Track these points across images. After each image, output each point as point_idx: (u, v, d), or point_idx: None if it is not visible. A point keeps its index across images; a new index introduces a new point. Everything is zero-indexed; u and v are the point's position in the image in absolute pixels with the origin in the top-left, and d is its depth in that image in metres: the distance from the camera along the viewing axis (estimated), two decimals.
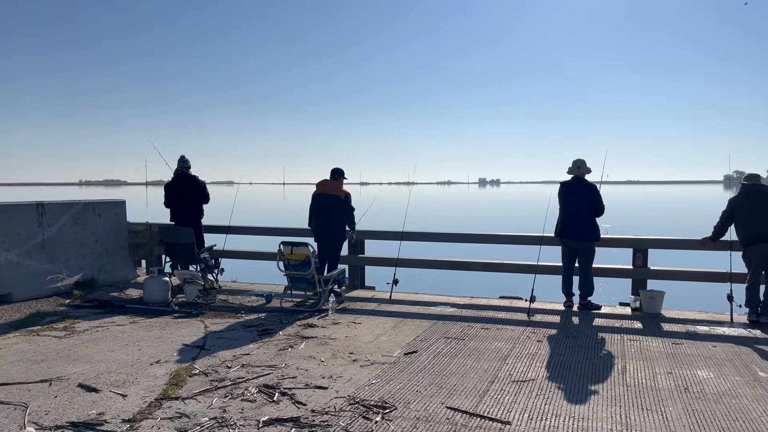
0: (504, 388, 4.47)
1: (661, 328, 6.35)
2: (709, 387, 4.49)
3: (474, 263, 8.55)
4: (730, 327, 6.39)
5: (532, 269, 7.57)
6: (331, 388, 4.45)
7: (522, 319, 6.79)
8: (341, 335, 5.99)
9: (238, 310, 7.16)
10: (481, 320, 6.69)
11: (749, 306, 6.61)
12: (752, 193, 6.69)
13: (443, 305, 7.50)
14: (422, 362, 5.10)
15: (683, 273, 7.63)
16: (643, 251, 7.67)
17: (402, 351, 5.44)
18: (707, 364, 5.04)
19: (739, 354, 5.36)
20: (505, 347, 5.58)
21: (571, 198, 7.30)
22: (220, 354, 5.32)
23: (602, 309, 7.29)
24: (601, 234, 7.27)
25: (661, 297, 7.10)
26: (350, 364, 5.05)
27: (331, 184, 7.89)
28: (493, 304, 7.62)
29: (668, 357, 5.27)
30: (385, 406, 4.07)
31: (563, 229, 7.36)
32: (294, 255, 7.26)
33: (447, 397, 4.26)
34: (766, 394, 4.32)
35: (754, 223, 6.56)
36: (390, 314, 6.99)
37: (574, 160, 7.45)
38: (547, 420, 3.86)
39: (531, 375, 4.77)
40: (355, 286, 8.81)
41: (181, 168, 8.80)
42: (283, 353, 5.35)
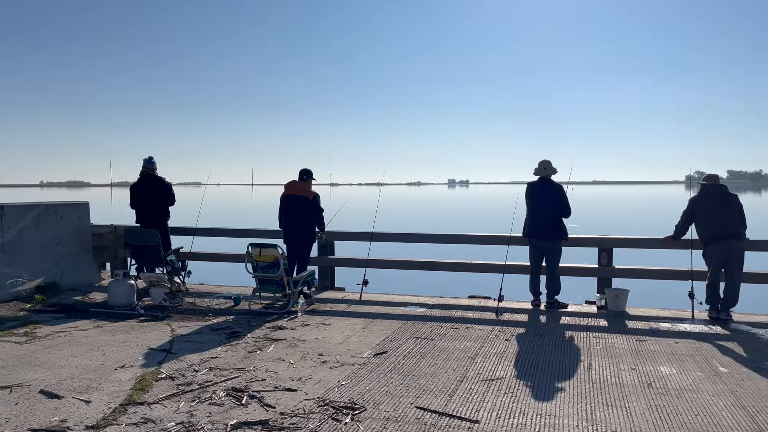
0: (473, 387, 4.50)
1: (626, 326, 6.48)
2: (672, 382, 4.60)
3: (443, 263, 8.60)
4: (692, 324, 6.55)
5: (500, 269, 7.66)
6: (301, 390, 4.43)
7: (490, 318, 6.85)
8: (311, 337, 5.97)
9: (206, 313, 7.07)
10: (450, 320, 6.73)
11: (709, 303, 6.79)
12: (711, 193, 6.87)
13: (413, 305, 7.52)
14: (392, 363, 5.11)
15: (647, 271, 7.80)
16: (608, 250, 7.82)
17: (372, 352, 5.44)
18: (670, 360, 5.17)
19: (700, 350, 5.51)
20: (474, 346, 5.63)
21: (537, 198, 7.40)
22: (188, 357, 5.24)
23: (569, 307, 7.40)
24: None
25: (625, 295, 7.24)
26: (320, 365, 5.03)
27: (300, 186, 7.84)
28: (462, 304, 7.67)
29: (632, 354, 5.38)
30: (355, 407, 4.07)
31: (530, 229, 7.45)
32: (262, 257, 7.20)
33: (416, 397, 4.27)
34: (726, 389, 4.45)
35: (713, 222, 6.74)
36: (360, 315, 6.98)
37: (540, 161, 7.55)
38: (515, 418, 3.90)
39: (499, 374, 4.82)
40: (324, 288, 8.77)
41: (146, 169, 8.65)
42: (251, 356, 5.30)
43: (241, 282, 8.59)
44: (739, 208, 6.79)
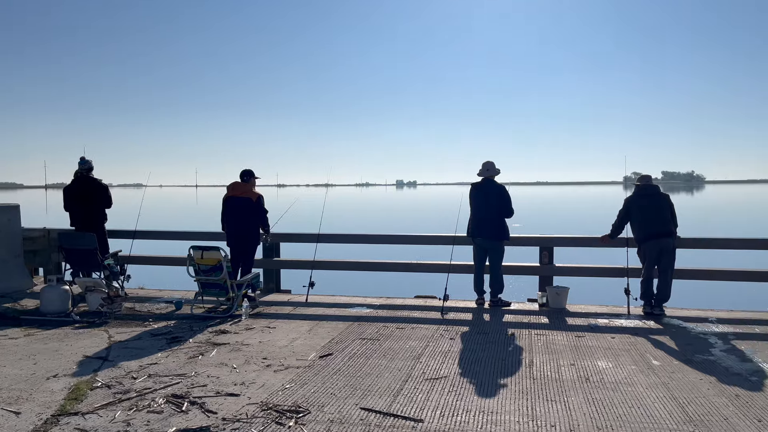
0: (417, 386, 4.53)
1: (566, 322, 6.66)
2: (608, 376, 4.75)
3: (390, 264, 8.63)
4: (627, 319, 6.79)
5: (446, 268, 7.75)
6: (244, 394, 4.35)
7: (436, 317, 6.92)
8: (255, 340, 5.88)
9: (146, 318, 6.86)
10: (396, 320, 6.76)
11: (644, 299, 7.06)
12: (644, 193, 7.15)
13: (359, 306, 7.52)
14: (337, 364, 5.09)
15: (585, 269, 8.04)
16: (549, 249, 8.02)
17: (317, 354, 5.40)
18: (606, 355, 5.34)
19: (635, 344, 5.71)
20: (419, 346, 5.67)
21: (481, 199, 7.52)
22: (125, 365, 5.08)
23: (512, 305, 7.55)
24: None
25: (565, 293, 7.45)
26: (264, 369, 4.96)
27: (242, 187, 7.71)
28: (409, 304, 7.72)
29: (572, 349, 5.53)
30: (299, 411, 4.03)
31: (474, 228, 7.57)
32: (205, 260, 7.05)
33: (361, 398, 4.27)
34: (659, 381, 4.63)
35: (646, 221, 7.02)
36: (306, 317, 6.93)
37: (483, 163, 7.68)
38: (458, 416, 3.95)
39: (444, 372, 4.87)
40: (270, 290, 8.67)
41: (81, 170, 8.34)
42: (193, 361, 5.18)
43: (183, 286, 8.39)
44: (670, 207, 7.10)
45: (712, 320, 6.64)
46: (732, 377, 4.71)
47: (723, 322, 6.54)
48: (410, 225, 30.16)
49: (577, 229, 20.32)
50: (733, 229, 26.31)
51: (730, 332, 6.12)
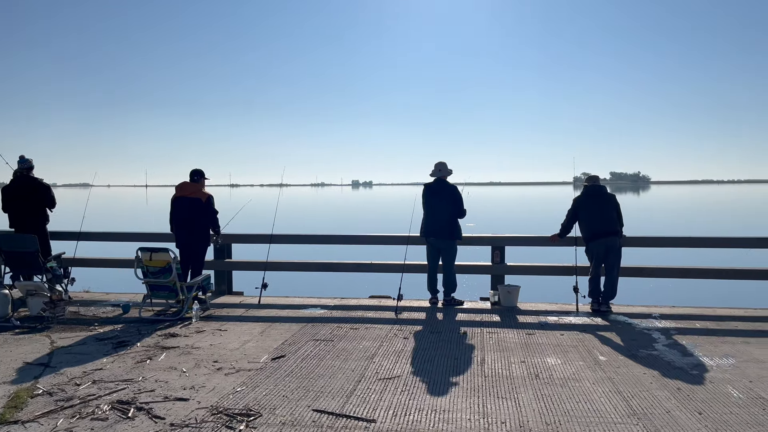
0: (370, 386, 4.53)
1: (517, 320, 6.77)
2: (557, 372, 4.85)
3: (344, 264, 8.60)
4: (576, 316, 6.96)
5: (400, 268, 7.78)
6: (193, 399, 4.26)
7: (390, 317, 6.93)
8: (205, 343, 5.76)
9: (91, 323, 6.64)
10: (350, 320, 6.74)
11: (592, 296, 7.26)
12: (592, 193, 7.35)
13: (313, 307, 7.46)
14: (290, 366, 5.04)
15: (536, 268, 8.19)
16: (501, 249, 8.15)
17: (270, 356, 5.34)
18: (555, 352, 5.46)
19: (583, 341, 5.86)
20: (373, 346, 5.67)
21: (433, 199, 7.58)
22: (69, 371, 4.90)
23: (465, 304, 7.64)
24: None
25: (516, 291, 7.58)
26: (214, 372, 4.87)
27: (191, 187, 7.55)
28: (363, 304, 7.71)
29: (522, 347, 5.63)
30: (250, 414, 3.97)
31: (427, 228, 7.62)
32: (153, 261, 6.87)
33: (314, 400, 4.24)
34: (605, 376, 4.75)
35: (594, 220, 7.21)
36: (258, 319, 6.84)
37: (436, 163, 7.74)
38: (410, 415, 3.97)
39: (397, 372, 4.88)
40: (222, 292, 8.51)
41: (20, 169, 8.01)
42: (140, 366, 5.04)
43: (131, 289, 8.16)
44: (617, 207, 7.31)
45: (656, 316, 6.88)
46: (674, 371, 4.88)
47: (666, 318, 6.77)
48: (365, 225, 30.18)
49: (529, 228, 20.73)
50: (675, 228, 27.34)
51: (673, 328, 6.35)
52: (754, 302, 7.75)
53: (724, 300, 8.43)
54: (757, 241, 8.12)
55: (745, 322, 6.58)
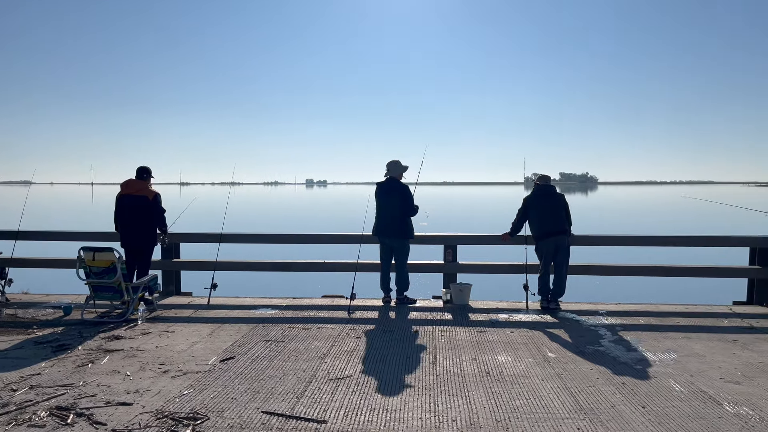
0: (321, 387, 4.48)
1: (469, 318, 6.83)
2: (507, 370, 4.91)
3: (296, 263, 8.50)
4: (526, 314, 7.07)
5: (353, 267, 7.73)
6: (137, 403, 4.12)
7: (343, 316, 6.88)
8: (151, 346, 5.59)
9: (30, 325, 6.35)
10: (302, 320, 6.67)
11: (541, 294, 7.38)
12: (542, 193, 7.48)
13: (264, 308, 7.35)
14: (239, 368, 4.93)
15: (487, 266, 8.28)
16: (453, 247, 8.21)
17: (218, 358, 5.21)
18: (506, 349, 5.52)
19: (533, 338, 5.95)
20: (325, 346, 5.61)
21: (384, 198, 7.57)
22: (4, 376, 4.67)
23: (417, 303, 7.66)
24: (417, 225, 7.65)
25: (468, 289, 7.65)
26: (160, 376, 4.72)
27: (138, 184, 7.32)
28: (315, 304, 7.64)
29: (474, 345, 5.68)
30: (197, 417, 3.86)
31: (379, 227, 7.60)
32: (97, 261, 6.63)
33: (263, 402, 4.15)
34: (553, 373, 4.83)
35: (544, 220, 7.34)
36: (207, 320, 6.68)
37: (387, 163, 7.73)
38: (361, 415, 3.93)
39: (348, 372, 4.84)
40: (170, 293, 8.29)
41: None
42: (81, 370, 4.85)
43: (74, 290, 7.86)
44: (565, 206, 7.46)
45: (603, 313, 7.05)
46: (619, 366, 5.00)
47: (612, 315, 6.95)
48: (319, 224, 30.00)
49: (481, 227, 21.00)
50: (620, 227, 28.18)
51: (618, 324, 6.52)
52: (694, 298, 8.04)
53: (666, 296, 8.73)
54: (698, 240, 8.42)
55: (686, 318, 6.81)
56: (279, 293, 8.29)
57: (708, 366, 5.02)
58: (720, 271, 8.24)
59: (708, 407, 4.08)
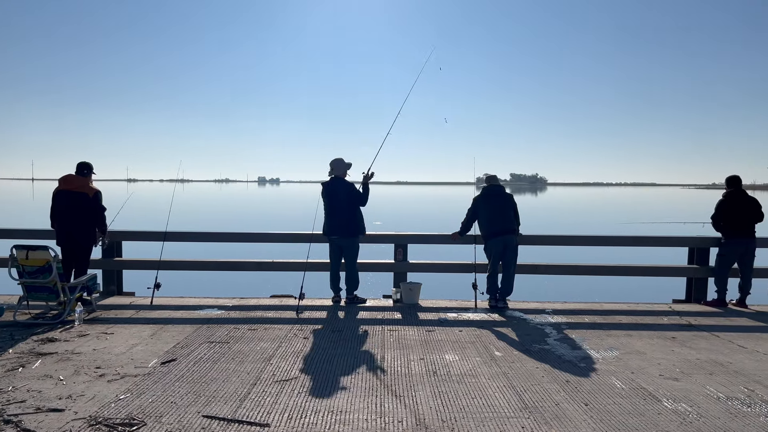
0: (266, 389, 4.37)
1: (418, 317, 6.82)
2: (454, 369, 4.91)
3: (244, 263, 8.32)
4: (474, 312, 7.11)
5: (302, 267, 7.62)
6: (69, 409, 3.92)
7: (291, 317, 6.77)
8: (88, 348, 5.35)
9: None
10: (249, 321, 6.52)
11: (489, 293, 7.45)
12: (491, 193, 7.54)
13: (210, 308, 7.16)
14: (180, 370, 4.77)
15: (437, 265, 8.31)
16: (403, 246, 8.20)
17: (159, 360, 5.03)
18: (454, 348, 5.53)
19: (480, 336, 5.98)
20: (271, 347, 5.49)
21: (333, 197, 7.50)
22: None
23: (367, 302, 7.61)
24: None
25: (418, 288, 7.64)
26: (96, 380, 4.51)
27: (78, 180, 7.02)
28: (263, 304, 7.49)
29: (422, 344, 5.66)
30: (133, 423, 3.70)
31: (330, 227, 7.52)
32: (30, 260, 6.31)
33: (204, 406, 4.02)
34: (500, 372, 4.86)
35: (492, 219, 7.41)
36: (149, 321, 6.46)
37: (331, 161, 7.61)
38: (306, 417, 3.85)
39: (294, 373, 4.74)
40: (111, 293, 8.00)
41: None
42: (11, 374, 4.59)
43: (6, 290, 7.48)
44: (514, 206, 7.55)
45: (549, 312, 7.16)
46: (563, 364, 5.07)
47: (558, 313, 7.07)
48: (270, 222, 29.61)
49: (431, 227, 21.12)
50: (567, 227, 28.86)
51: (564, 322, 6.63)
52: (637, 297, 8.27)
53: (610, 295, 8.95)
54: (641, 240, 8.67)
55: (629, 316, 6.99)
56: (226, 293, 8.11)
57: (648, 363, 5.14)
58: (661, 270, 8.51)
59: (648, 404, 4.17)
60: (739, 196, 7.72)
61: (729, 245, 7.74)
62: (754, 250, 7.70)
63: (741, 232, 7.65)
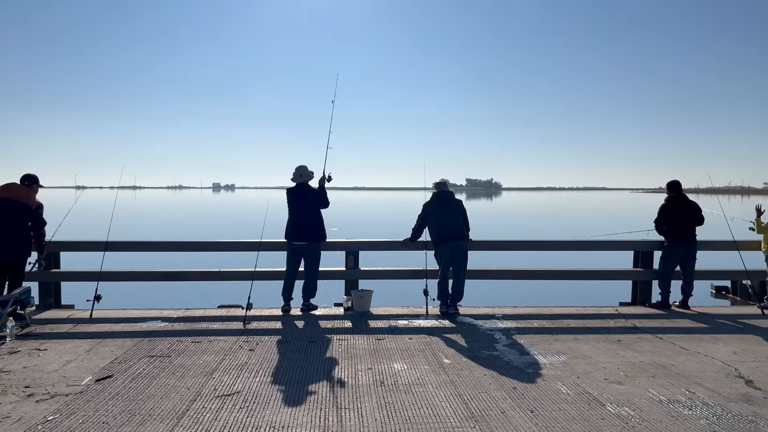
0: (206, 405, 4.20)
1: (368, 326, 6.73)
2: (402, 378, 4.84)
3: (189, 273, 8.08)
4: (425, 319, 7.07)
5: (251, 276, 7.45)
6: None
7: (237, 328, 6.59)
8: (18, 366, 5.07)
9: None
10: (193, 333, 6.31)
11: (440, 299, 7.42)
12: (440, 199, 7.53)
13: (153, 320, 6.90)
14: (116, 388, 4.55)
15: (389, 272, 8.26)
16: (355, 253, 8.11)
17: (94, 377, 4.80)
18: (402, 357, 5.46)
19: (430, 344, 5.93)
20: (215, 360, 5.31)
21: (301, 202, 7.41)
22: None
23: (318, 311, 7.49)
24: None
25: (369, 296, 7.56)
26: (23, 400, 4.26)
27: (21, 190, 6.73)
28: (210, 315, 7.27)
29: (371, 353, 5.57)
30: None
31: (295, 232, 7.39)
32: None
33: (139, 425, 3.83)
34: (448, 380, 4.81)
35: (442, 225, 7.39)
36: (87, 335, 6.18)
37: (297, 167, 7.54)
38: None
39: (237, 387, 4.59)
40: (48, 306, 7.65)
41: None
42: None
43: None
44: (463, 212, 7.56)
45: (499, 317, 7.18)
46: (511, 370, 5.07)
47: (508, 318, 7.09)
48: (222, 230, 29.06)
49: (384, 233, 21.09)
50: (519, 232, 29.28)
51: (513, 327, 6.65)
52: (584, 300, 8.39)
53: (559, 299, 9.07)
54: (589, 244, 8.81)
55: (576, 320, 7.07)
56: (172, 304, 7.86)
57: (594, 367, 5.19)
58: (607, 273, 8.67)
59: (592, 409, 4.19)
60: (681, 201, 7.92)
61: (672, 248, 7.92)
62: (695, 253, 7.91)
63: (683, 236, 7.85)
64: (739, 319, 7.17)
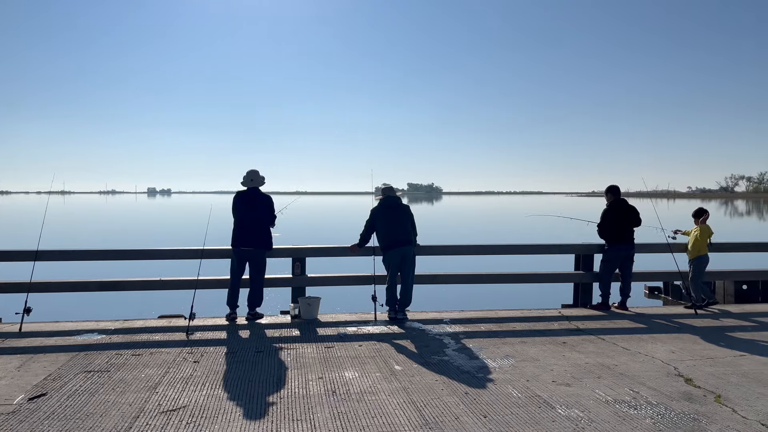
0: (150, 422, 4.01)
1: (317, 333, 6.63)
2: (354, 387, 4.77)
3: (127, 282, 7.74)
4: (374, 325, 7.03)
5: (193, 284, 7.21)
6: None
7: (180, 339, 6.35)
8: None
9: None
10: (133, 345, 6.04)
11: (389, 305, 7.40)
12: (388, 205, 7.52)
13: (89, 333, 6.57)
14: (51, 406, 4.29)
15: (336, 278, 8.17)
16: (302, 260, 7.98)
17: (26, 396, 4.51)
18: (353, 364, 5.39)
19: (380, 351, 5.89)
20: (158, 374, 5.09)
21: (251, 207, 7.24)
22: None
23: (265, 319, 7.32)
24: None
25: (317, 303, 7.46)
26: None
27: None
28: (150, 326, 6.98)
29: (321, 362, 5.48)
30: None
31: (241, 238, 7.21)
32: None
33: None
34: (400, 387, 4.78)
35: (390, 231, 7.38)
36: (17, 351, 5.81)
37: (248, 171, 7.40)
38: None
39: (183, 401, 4.41)
40: None
41: None
42: None
43: None
44: (411, 217, 7.57)
45: (447, 321, 7.22)
46: (462, 375, 5.08)
47: (456, 323, 7.14)
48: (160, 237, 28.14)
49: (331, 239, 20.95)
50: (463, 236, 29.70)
51: (461, 332, 6.70)
52: (529, 303, 8.56)
53: (504, 302, 9.21)
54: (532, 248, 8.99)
55: (522, 323, 7.19)
56: (109, 316, 7.52)
57: (542, 370, 5.27)
58: (550, 276, 8.88)
59: (543, 411, 4.25)
60: (621, 205, 8.19)
61: (612, 251, 8.19)
62: (633, 256, 8.21)
63: (623, 239, 8.12)
64: (674, 319, 7.48)
